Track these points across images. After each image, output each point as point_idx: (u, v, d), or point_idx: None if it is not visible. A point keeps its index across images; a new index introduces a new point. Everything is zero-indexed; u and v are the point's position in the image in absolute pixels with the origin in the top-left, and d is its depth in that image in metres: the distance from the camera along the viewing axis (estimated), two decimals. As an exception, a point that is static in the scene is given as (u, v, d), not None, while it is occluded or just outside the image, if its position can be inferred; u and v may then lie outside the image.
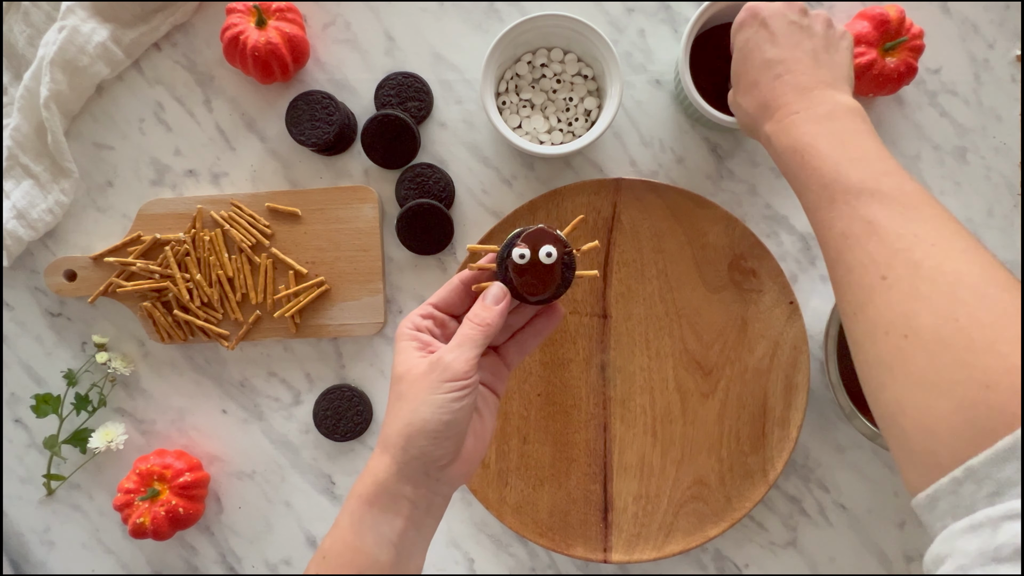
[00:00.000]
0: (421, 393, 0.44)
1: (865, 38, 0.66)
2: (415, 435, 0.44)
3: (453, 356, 0.45)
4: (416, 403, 0.44)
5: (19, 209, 0.72)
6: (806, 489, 0.72)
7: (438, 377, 0.44)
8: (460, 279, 0.49)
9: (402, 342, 0.48)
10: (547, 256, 0.49)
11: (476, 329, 0.46)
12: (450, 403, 0.44)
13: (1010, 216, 0.71)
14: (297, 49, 0.68)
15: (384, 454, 0.45)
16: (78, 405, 0.73)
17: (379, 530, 0.44)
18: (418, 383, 0.45)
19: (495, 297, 0.47)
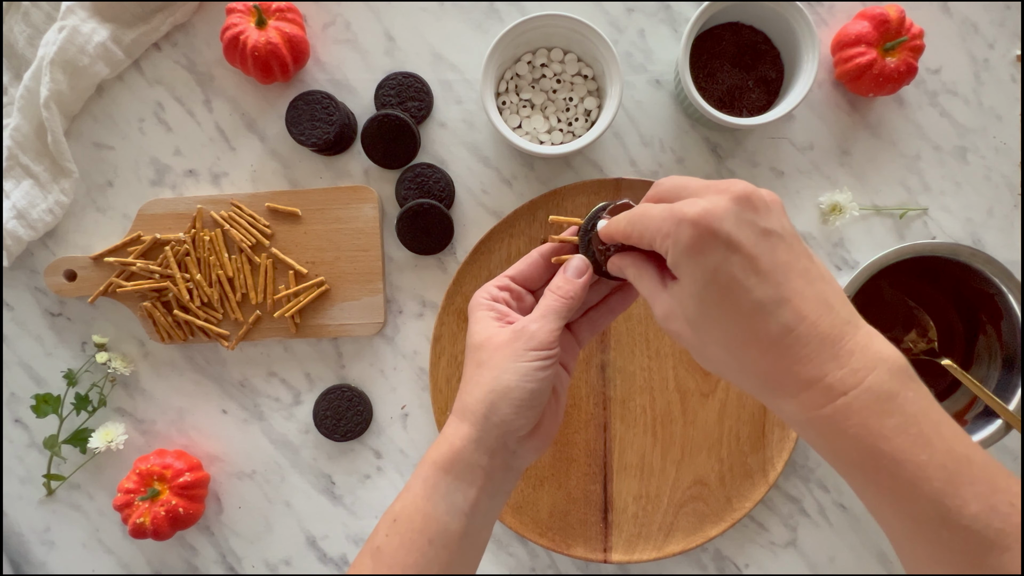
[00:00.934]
0: (504, 361, 0.44)
1: (865, 38, 0.66)
2: (498, 402, 0.44)
3: (538, 326, 0.45)
4: (499, 371, 0.44)
5: (19, 209, 0.72)
6: (806, 489, 0.72)
7: (523, 345, 0.44)
8: (539, 252, 0.49)
9: (479, 311, 0.47)
10: None
11: (559, 301, 0.46)
12: (535, 371, 0.44)
13: (1010, 216, 0.71)
14: (297, 49, 0.68)
15: (463, 422, 0.45)
16: (78, 405, 0.73)
17: (452, 498, 0.44)
18: (501, 351, 0.45)
19: (577, 269, 0.47)
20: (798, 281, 0.38)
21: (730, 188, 0.38)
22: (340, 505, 0.74)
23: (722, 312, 0.38)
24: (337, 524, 0.74)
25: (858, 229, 0.72)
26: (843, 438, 0.36)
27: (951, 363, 0.67)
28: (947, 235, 0.72)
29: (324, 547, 0.75)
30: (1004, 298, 0.65)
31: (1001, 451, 0.71)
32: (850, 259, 0.72)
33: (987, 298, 0.66)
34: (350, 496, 0.74)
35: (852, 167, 0.71)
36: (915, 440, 0.35)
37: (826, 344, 0.37)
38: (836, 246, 0.72)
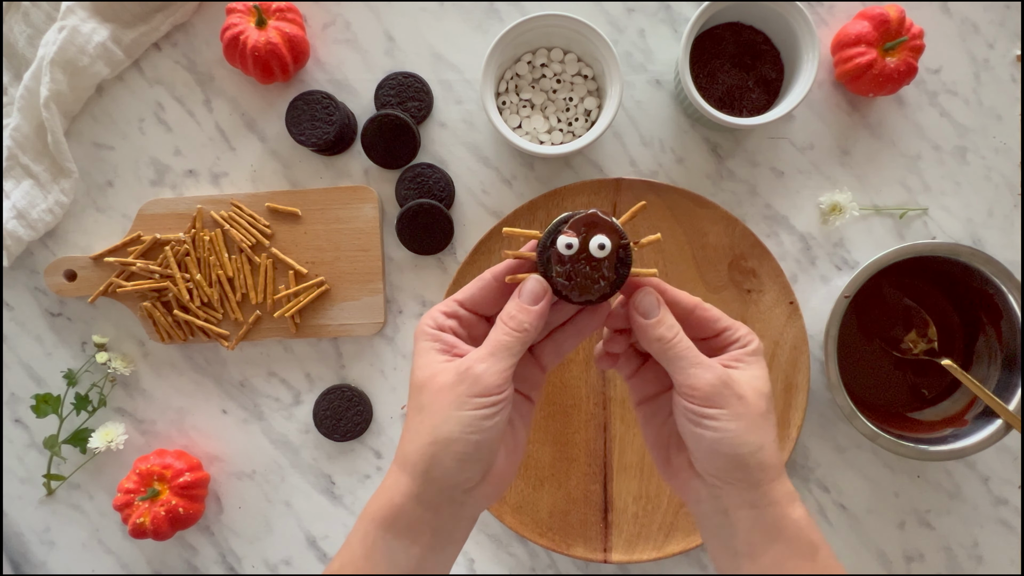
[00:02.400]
0: (446, 408, 0.39)
1: (865, 38, 0.66)
2: (439, 456, 0.39)
3: (484, 367, 0.39)
4: (440, 419, 0.39)
5: (19, 209, 0.72)
6: (806, 489, 0.72)
7: (466, 391, 0.39)
8: (492, 274, 0.43)
9: (422, 342, 0.42)
10: (599, 248, 0.41)
11: (511, 335, 0.40)
12: (480, 421, 0.39)
13: (1010, 216, 0.71)
14: (297, 49, 0.68)
15: (402, 473, 0.40)
16: (78, 405, 0.73)
17: (394, 558, 0.40)
18: (443, 395, 0.39)
19: (533, 294, 0.41)
20: None
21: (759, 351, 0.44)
22: (340, 505, 0.74)
23: (762, 399, 0.43)
24: (337, 524, 0.74)
25: (858, 229, 0.72)
26: (798, 525, 0.43)
27: (951, 363, 0.66)
28: (947, 235, 0.72)
29: (324, 547, 0.75)
30: (1004, 298, 0.65)
31: (1001, 451, 0.71)
32: (850, 259, 0.72)
33: (987, 298, 0.66)
34: (350, 496, 0.74)
35: (852, 167, 0.71)
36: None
37: None
38: (836, 246, 0.72)
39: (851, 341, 0.70)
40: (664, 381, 0.46)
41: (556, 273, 0.42)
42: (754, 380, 0.42)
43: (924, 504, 0.72)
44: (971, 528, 0.72)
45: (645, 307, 0.42)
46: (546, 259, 0.42)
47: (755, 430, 0.41)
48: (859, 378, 0.69)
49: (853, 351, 0.70)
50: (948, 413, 0.68)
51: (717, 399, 0.40)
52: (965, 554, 0.72)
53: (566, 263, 0.42)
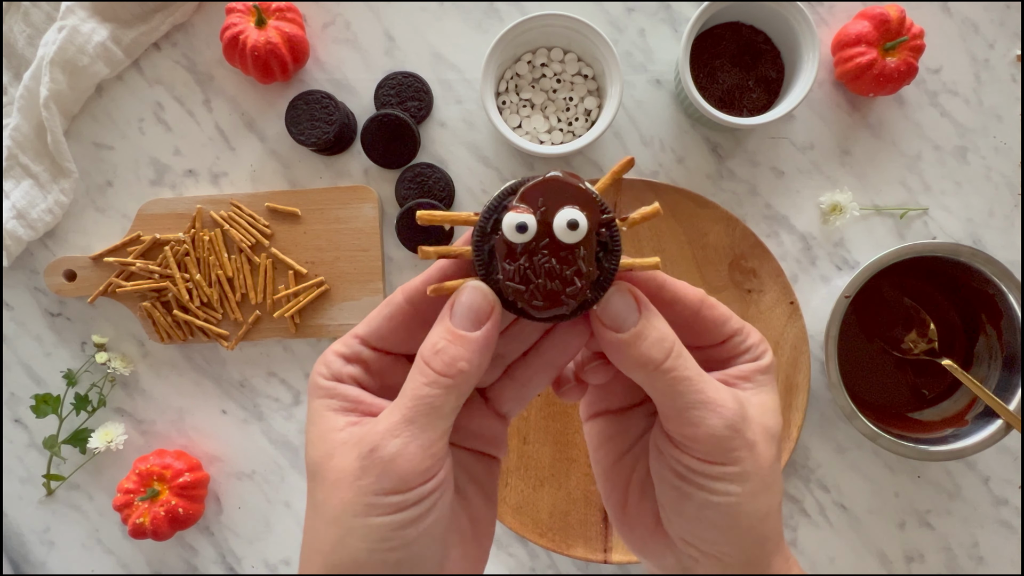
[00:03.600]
0: (346, 514, 0.26)
1: (865, 38, 0.66)
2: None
3: (399, 444, 0.26)
4: (342, 530, 0.26)
5: (19, 209, 0.72)
6: (806, 489, 0.72)
7: (374, 486, 0.26)
8: (405, 294, 0.30)
9: (317, 400, 0.30)
10: (570, 228, 0.27)
11: (438, 383, 0.27)
12: (398, 531, 0.26)
13: (1010, 216, 0.71)
14: (297, 49, 0.68)
15: None
16: (78, 405, 0.73)
17: None
18: (341, 492, 0.26)
19: (471, 312, 0.27)
20: None
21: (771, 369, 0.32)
22: (340, 505, 0.74)
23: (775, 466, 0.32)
24: (337, 524, 0.74)
25: (858, 229, 0.72)
26: None
27: (951, 363, 0.66)
28: (947, 235, 0.72)
29: (324, 547, 0.74)
30: (1004, 298, 0.64)
31: (1001, 451, 0.71)
32: (850, 259, 0.72)
33: (987, 298, 0.66)
34: (350, 496, 0.74)
35: (852, 167, 0.71)
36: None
37: None
38: (836, 246, 0.72)
39: (851, 341, 0.70)
40: (636, 392, 0.34)
41: (505, 273, 0.27)
42: (765, 415, 0.30)
43: (924, 504, 0.72)
44: (971, 528, 0.72)
45: (614, 314, 0.28)
46: (488, 252, 0.27)
47: (763, 493, 0.29)
48: (859, 378, 0.69)
49: (853, 351, 0.70)
50: (948, 413, 0.68)
51: (724, 452, 0.28)
52: (965, 554, 0.72)
53: (519, 256, 0.27)
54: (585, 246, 0.27)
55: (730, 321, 0.32)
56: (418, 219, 0.28)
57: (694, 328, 0.32)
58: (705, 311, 0.31)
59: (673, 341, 0.29)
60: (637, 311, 0.29)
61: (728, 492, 0.28)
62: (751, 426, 0.29)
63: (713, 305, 0.32)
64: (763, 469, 0.29)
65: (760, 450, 0.29)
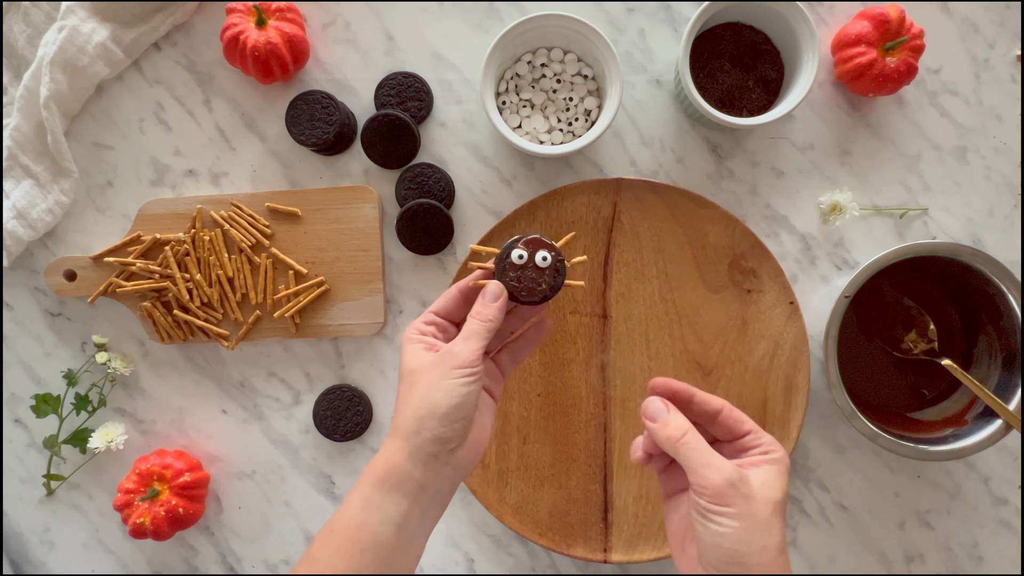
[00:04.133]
0: (432, 380, 0.48)
1: (865, 38, 0.66)
2: (427, 418, 0.47)
3: (461, 347, 0.49)
4: (428, 389, 0.48)
5: (19, 209, 0.72)
6: (806, 489, 0.72)
7: (448, 364, 0.48)
8: (457, 288, 0.54)
9: (409, 344, 0.51)
10: (543, 260, 0.54)
11: (479, 324, 0.50)
12: (460, 387, 0.47)
13: (1010, 216, 0.71)
14: (297, 49, 0.68)
15: (396, 438, 0.48)
16: (78, 405, 0.73)
17: (385, 510, 0.47)
18: (428, 372, 0.48)
19: (493, 294, 0.52)
20: None
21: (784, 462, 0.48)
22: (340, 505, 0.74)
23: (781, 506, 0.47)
24: (337, 524, 0.74)
25: (858, 229, 0.72)
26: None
27: (951, 363, 0.66)
28: (947, 235, 0.72)
29: (324, 547, 0.74)
30: (1004, 298, 0.65)
31: (1001, 451, 0.71)
32: (850, 259, 0.72)
33: (987, 298, 0.66)
34: (350, 496, 0.74)
35: (852, 167, 0.71)
36: None
37: None
38: (836, 246, 0.72)
39: (851, 341, 0.70)
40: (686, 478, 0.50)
41: (509, 278, 0.54)
42: (766, 486, 0.45)
43: (924, 504, 0.72)
44: (971, 528, 0.72)
45: (651, 411, 0.49)
46: (503, 268, 0.54)
47: (758, 531, 0.44)
48: (859, 378, 0.69)
49: (853, 351, 0.70)
50: (948, 413, 0.68)
51: (724, 498, 0.44)
52: (965, 554, 0.72)
53: (517, 270, 0.54)
54: (549, 270, 0.53)
55: (745, 423, 0.49)
56: (471, 248, 0.56)
57: (717, 426, 0.49)
58: (725, 414, 0.49)
59: (688, 427, 0.47)
60: (666, 410, 0.49)
61: (728, 525, 0.44)
62: (747, 485, 0.45)
63: (732, 410, 0.49)
64: (758, 516, 0.44)
65: (757, 503, 0.44)
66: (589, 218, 0.70)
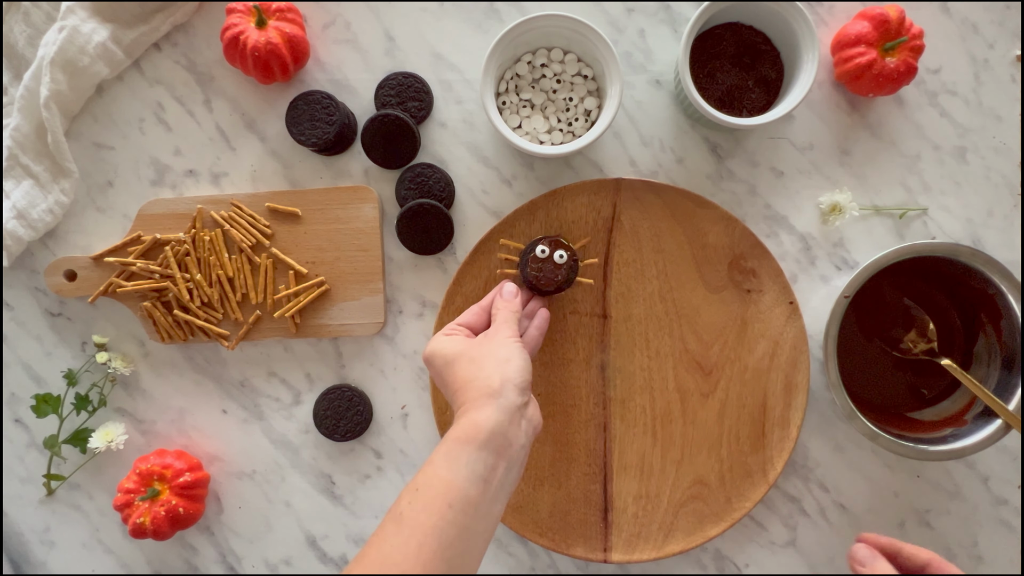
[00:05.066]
0: (492, 347, 0.55)
1: (865, 38, 0.66)
2: (506, 370, 0.53)
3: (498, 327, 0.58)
4: (494, 351, 0.55)
5: (19, 209, 0.72)
6: (806, 489, 0.72)
7: (499, 336, 0.56)
8: (479, 306, 0.62)
9: (440, 339, 0.57)
10: (560, 257, 0.64)
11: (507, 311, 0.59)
12: (517, 345, 0.56)
13: (1010, 216, 0.71)
14: (297, 49, 0.68)
15: (478, 399, 0.51)
16: (78, 405, 0.73)
17: (473, 467, 0.48)
18: (481, 346, 0.55)
19: (510, 292, 0.62)
20: None
21: None
22: (340, 505, 0.74)
23: None
24: (337, 524, 0.74)
25: (858, 229, 0.72)
26: None
27: (951, 363, 0.67)
28: (947, 235, 0.72)
29: (324, 547, 0.75)
30: (1004, 298, 0.65)
31: (1001, 451, 0.71)
32: (850, 259, 0.72)
33: (987, 298, 0.66)
34: (350, 496, 0.74)
35: (852, 167, 0.71)
36: None
37: None
38: (836, 246, 0.72)
39: (851, 341, 0.70)
40: None
41: (531, 269, 0.64)
42: None
43: (924, 504, 0.72)
44: (971, 528, 0.72)
45: (860, 556, 0.54)
46: (526, 260, 0.64)
47: None
48: (859, 378, 0.69)
49: (853, 351, 0.70)
50: (948, 413, 0.68)
51: None
52: (965, 554, 0.72)
53: (538, 263, 0.64)
54: (565, 266, 0.64)
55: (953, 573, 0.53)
56: (500, 243, 0.68)
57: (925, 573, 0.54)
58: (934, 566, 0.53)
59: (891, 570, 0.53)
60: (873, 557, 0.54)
61: None
62: None
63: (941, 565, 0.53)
64: None
65: None
66: (589, 218, 0.70)
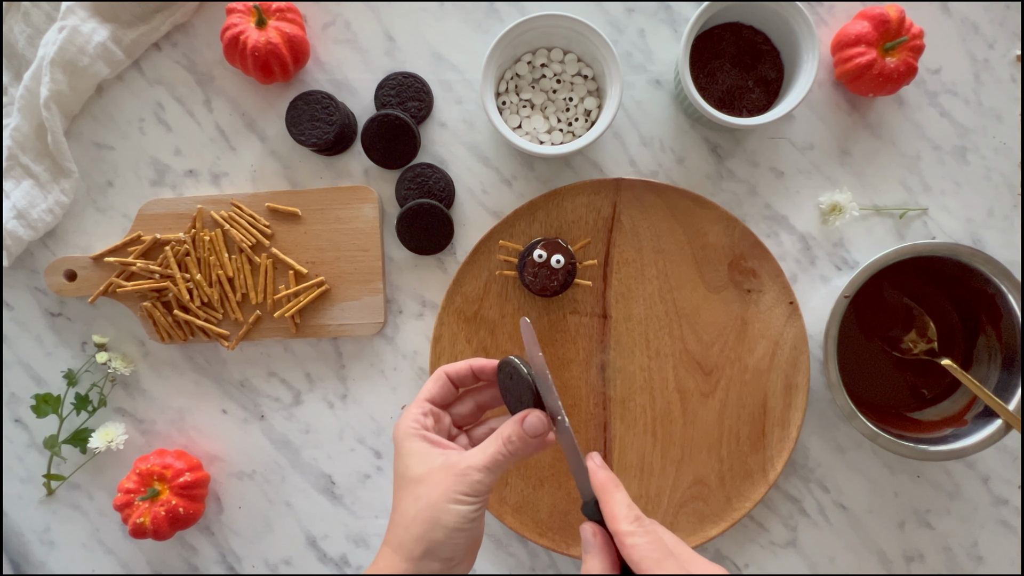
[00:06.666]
0: (443, 501, 0.46)
1: (865, 38, 0.66)
2: (437, 541, 0.46)
3: (481, 476, 0.47)
4: (438, 510, 0.46)
5: (19, 209, 0.72)
6: (806, 489, 0.72)
7: (463, 488, 0.46)
8: (447, 373, 0.52)
9: (413, 443, 0.49)
10: (556, 262, 0.63)
11: (507, 456, 0.48)
12: (472, 512, 0.46)
13: (1010, 216, 0.71)
14: (297, 49, 0.68)
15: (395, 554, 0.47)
16: (78, 405, 0.73)
17: None
18: (439, 489, 0.47)
19: (534, 428, 0.48)
20: None
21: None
22: (340, 505, 0.74)
23: None
24: (337, 524, 0.74)
25: (858, 229, 0.72)
26: None
27: (951, 363, 0.67)
28: (947, 235, 0.72)
29: (324, 547, 0.75)
30: (1004, 298, 0.65)
31: (1001, 451, 0.71)
32: (850, 259, 0.72)
33: (987, 298, 0.66)
34: (350, 496, 0.74)
35: (852, 167, 0.71)
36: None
37: None
38: (836, 246, 0.72)
39: (851, 341, 0.70)
40: None
41: (528, 274, 0.63)
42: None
43: (924, 504, 0.72)
44: (971, 528, 0.72)
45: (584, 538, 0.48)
46: (523, 264, 0.63)
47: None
48: (859, 378, 0.69)
49: (853, 351, 0.70)
50: (948, 413, 0.68)
51: None
52: (965, 554, 0.72)
53: (535, 267, 0.63)
54: (562, 270, 0.64)
55: None
56: (499, 244, 0.67)
57: None
58: None
59: None
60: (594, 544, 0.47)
61: None
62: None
63: None
64: None
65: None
66: (589, 218, 0.70)
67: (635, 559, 0.44)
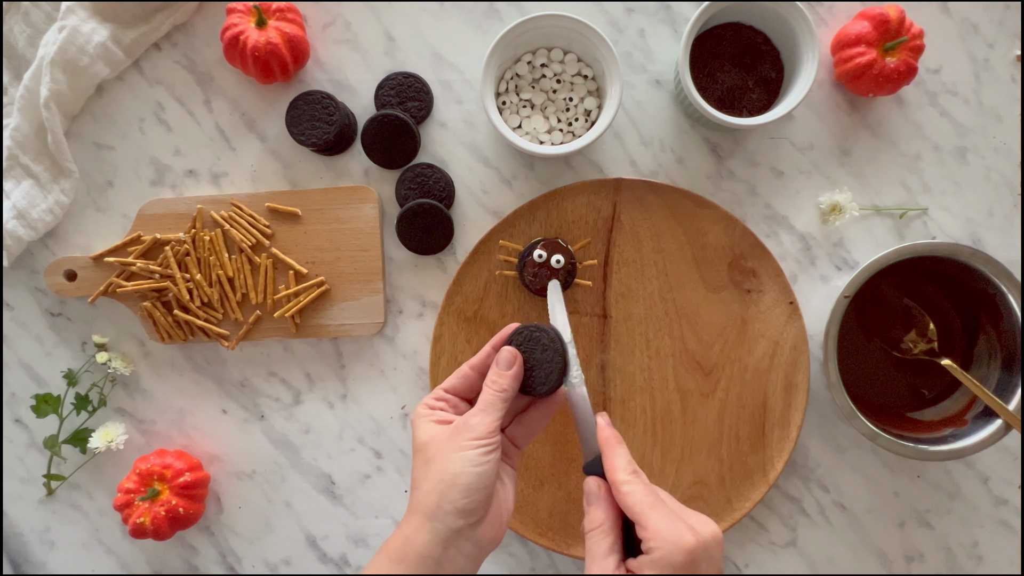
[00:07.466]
0: (450, 452, 0.48)
1: (865, 38, 0.66)
2: (448, 490, 0.47)
3: (478, 419, 0.49)
4: (446, 462, 0.48)
5: (19, 209, 0.72)
6: (806, 489, 0.72)
7: (465, 436, 0.48)
8: (469, 366, 0.54)
9: (421, 420, 0.51)
10: (556, 262, 0.63)
11: (494, 393, 0.50)
12: (479, 457, 0.47)
13: (1010, 216, 0.71)
14: (297, 49, 0.68)
15: (415, 515, 0.48)
16: (78, 405, 0.73)
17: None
18: (446, 445, 0.48)
19: (507, 361, 0.52)
20: None
21: None
22: (340, 505, 0.74)
23: None
24: (337, 524, 0.74)
25: (858, 229, 0.72)
26: None
27: (951, 363, 0.67)
28: (947, 235, 0.72)
29: (324, 547, 0.75)
30: (1004, 298, 0.65)
31: (1001, 451, 0.71)
32: (850, 259, 0.72)
33: (987, 298, 0.66)
34: (350, 496, 0.74)
35: (852, 167, 0.71)
36: None
37: None
38: (836, 246, 0.72)
39: (851, 341, 0.70)
40: None
41: (528, 274, 0.63)
42: None
43: (924, 504, 0.72)
44: (971, 528, 0.72)
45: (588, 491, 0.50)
46: (523, 264, 0.63)
47: None
48: (859, 378, 0.69)
49: (853, 351, 0.70)
50: (948, 413, 0.68)
51: None
52: (965, 554, 0.72)
53: (535, 267, 0.63)
54: (562, 270, 0.63)
55: None
56: (499, 244, 0.66)
57: None
58: None
59: None
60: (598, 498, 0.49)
61: None
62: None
63: None
64: None
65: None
66: (589, 218, 0.70)
67: (629, 504, 0.46)
